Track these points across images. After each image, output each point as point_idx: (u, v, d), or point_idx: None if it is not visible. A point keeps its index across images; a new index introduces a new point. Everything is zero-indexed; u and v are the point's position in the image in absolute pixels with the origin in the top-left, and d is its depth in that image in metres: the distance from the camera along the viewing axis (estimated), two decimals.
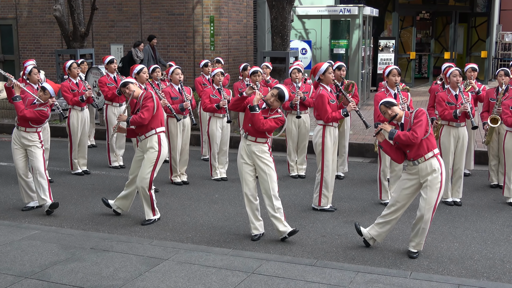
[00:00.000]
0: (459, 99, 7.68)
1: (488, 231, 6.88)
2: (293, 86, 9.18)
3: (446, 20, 21.55)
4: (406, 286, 5.13)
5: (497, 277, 5.59)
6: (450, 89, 7.77)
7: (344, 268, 5.55)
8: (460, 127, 7.78)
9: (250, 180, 6.53)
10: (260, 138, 6.43)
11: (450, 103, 7.70)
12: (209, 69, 10.48)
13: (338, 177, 9.28)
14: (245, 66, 10.42)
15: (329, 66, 7.50)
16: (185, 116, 8.94)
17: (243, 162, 6.51)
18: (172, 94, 8.80)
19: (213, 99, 8.89)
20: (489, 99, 8.48)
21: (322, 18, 16.14)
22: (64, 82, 9.66)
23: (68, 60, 10.07)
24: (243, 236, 6.74)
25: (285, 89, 6.47)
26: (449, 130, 7.79)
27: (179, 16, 16.46)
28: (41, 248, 6.08)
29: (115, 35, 17.25)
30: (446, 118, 7.72)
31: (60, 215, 7.59)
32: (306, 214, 7.56)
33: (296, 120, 9.26)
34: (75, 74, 9.65)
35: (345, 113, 7.52)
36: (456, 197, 7.95)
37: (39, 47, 18.28)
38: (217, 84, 8.94)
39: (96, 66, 12.64)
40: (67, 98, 9.50)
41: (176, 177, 9.08)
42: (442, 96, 7.79)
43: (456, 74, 7.68)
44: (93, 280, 5.30)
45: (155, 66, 10.15)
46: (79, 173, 9.69)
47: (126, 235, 6.72)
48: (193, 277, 5.34)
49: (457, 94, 7.72)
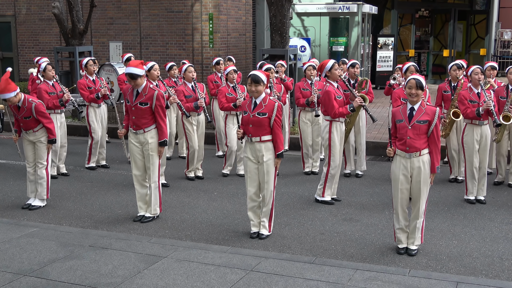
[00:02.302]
0: (482, 97, 7.64)
1: (487, 229, 6.88)
2: (308, 83, 9.17)
3: (445, 18, 21.53)
4: (404, 283, 5.13)
5: (496, 275, 5.59)
6: (472, 87, 7.73)
7: (343, 266, 5.55)
8: (483, 125, 7.73)
9: (254, 178, 6.53)
10: (264, 136, 6.43)
11: (472, 101, 7.66)
12: (221, 67, 10.52)
13: (356, 175, 9.33)
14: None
15: (335, 62, 7.55)
16: (199, 114, 9.01)
17: (248, 159, 6.52)
18: (186, 92, 8.86)
19: (229, 97, 8.88)
20: (499, 97, 8.39)
21: (321, 15, 16.14)
22: (80, 80, 9.71)
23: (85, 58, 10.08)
24: (242, 234, 6.74)
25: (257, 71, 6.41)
26: (472, 128, 7.73)
27: (178, 14, 16.44)
28: (39, 245, 6.08)
29: (113, 33, 17.22)
30: (468, 116, 7.66)
31: (59, 212, 7.59)
32: (305, 211, 7.56)
33: (311, 117, 9.29)
34: (92, 71, 9.68)
35: (352, 109, 7.55)
36: (481, 195, 7.90)
37: (37, 44, 18.25)
38: (231, 82, 8.93)
39: (109, 63, 12.64)
40: (84, 96, 9.58)
41: (190, 172, 9.19)
42: (464, 94, 7.74)
43: (477, 72, 7.63)
44: (91, 277, 5.29)
45: (172, 64, 10.16)
46: (92, 167, 9.86)
47: (124, 233, 6.72)
48: (191, 275, 5.34)
49: (479, 92, 7.69)
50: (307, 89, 9.19)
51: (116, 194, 8.43)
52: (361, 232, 6.80)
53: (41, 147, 7.68)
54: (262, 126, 6.34)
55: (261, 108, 6.31)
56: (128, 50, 16.99)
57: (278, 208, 7.44)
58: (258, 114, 6.32)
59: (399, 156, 5.96)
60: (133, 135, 7.09)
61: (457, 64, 8.63)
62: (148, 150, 7.04)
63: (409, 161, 5.91)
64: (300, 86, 9.32)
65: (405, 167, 5.94)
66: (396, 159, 5.99)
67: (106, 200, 8.11)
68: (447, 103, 8.72)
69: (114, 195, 8.35)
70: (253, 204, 6.59)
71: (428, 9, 21.93)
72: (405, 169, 5.94)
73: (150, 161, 7.06)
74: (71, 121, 13.26)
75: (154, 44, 16.76)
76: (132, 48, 16.94)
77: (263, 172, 6.43)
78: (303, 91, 9.24)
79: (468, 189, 7.86)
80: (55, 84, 9.17)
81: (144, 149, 7.07)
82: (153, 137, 7.04)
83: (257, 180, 6.53)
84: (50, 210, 7.69)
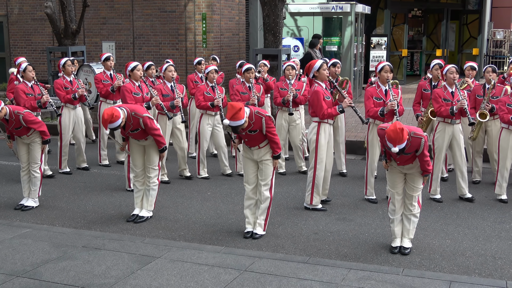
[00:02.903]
0: (456, 96, 7.69)
1: (480, 228, 6.90)
2: (286, 83, 9.21)
3: (438, 18, 21.60)
4: (398, 283, 5.14)
5: (489, 274, 5.61)
6: (447, 86, 7.78)
7: (336, 265, 5.55)
8: (455, 124, 7.79)
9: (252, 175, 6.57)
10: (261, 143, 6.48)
11: (446, 100, 7.72)
12: (202, 67, 10.48)
13: (342, 174, 9.34)
14: (241, 63, 10.45)
15: (323, 63, 7.50)
16: (175, 114, 8.92)
17: (247, 158, 6.55)
18: (164, 91, 8.78)
19: (206, 96, 8.88)
20: (475, 95, 8.50)
21: (314, 15, 16.15)
22: (57, 80, 9.61)
23: (62, 58, 10.02)
24: (236, 234, 6.73)
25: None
26: (444, 127, 7.79)
27: (171, 14, 16.41)
28: (32, 246, 6.06)
29: (106, 32, 17.17)
30: (442, 114, 7.72)
31: (52, 213, 7.56)
32: (299, 211, 7.56)
33: (287, 117, 9.28)
34: (69, 71, 9.60)
35: (341, 109, 7.51)
36: (466, 192, 7.99)
37: (30, 44, 18.19)
38: (211, 82, 8.93)
39: (87, 64, 12.59)
40: (60, 96, 9.44)
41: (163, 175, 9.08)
42: (438, 92, 7.79)
43: (452, 71, 7.68)
44: (85, 278, 5.28)
45: (150, 63, 10.13)
46: (67, 172, 9.63)
47: (118, 233, 6.70)
48: (185, 275, 5.33)
49: (453, 91, 7.74)
50: (285, 88, 9.23)
51: (109, 194, 8.40)
52: (355, 231, 6.81)
53: (35, 148, 7.66)
54: (257, 138, 6.44)
55: (250, 126, 6.35)
56: (121, 50, 16.95)
57: (271, 207, 7.43)
58: (250, 132, 6.39)
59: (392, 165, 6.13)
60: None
61: (439, 64, 8.72)
62: (150, 148, 7.11)
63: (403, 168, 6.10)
64: (279, 85, 9.38)
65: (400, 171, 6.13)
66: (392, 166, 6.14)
67: (99, 201, 8.09)
68: (425, 101, 8.84)
69: (107, 196, 8.33)
70: (250, 202, 6.61)
71: (421, 8, 21.99)
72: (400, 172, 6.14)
73: (150, 159, 7.13)
74: (50, 121, 13.09)
75: (147, 44, 16.73)
76: (125, 48, 16.91)
77: (262, 170, 6.50)
78: (281, 90, 9.29)
79: (432, 187, 7.98)
80: (34, 86, 9.07)
81: (146, 147, 7.14)
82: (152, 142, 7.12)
83: (254, 178, 6.57)
84: (43, 210, 7.67)
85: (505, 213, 7.44)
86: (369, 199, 7.98)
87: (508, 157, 7.84)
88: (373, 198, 7.97)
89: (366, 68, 18.82)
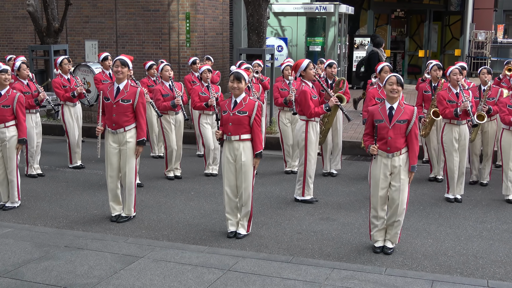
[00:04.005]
0: (460, 97, 7.74)
1: (462, 228, 6.97)
2: (285, 83, 9.22)
3: (420, 19, 21.72)
4: (381, 282, 5.17)
5: (470, 273, 5.66)
6: (451, 87, 7.84)
7: (319, 265, 5.57)
8: (462, 125, 7.84)
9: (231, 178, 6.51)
10: (244, 134, 6.41)
11: (451, 101, 7.77)
12: (198, 66, 10.51)
13: (330, 174, 9.34)
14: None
15: (309, 62, 7.58)
16: (177, 112, 9.02)
17: (226, 159, 6.49)
18: (163, 91, 8.85)
19: (202, 96, 8.87)
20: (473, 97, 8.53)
21: (298, 15, 16.20)
22: (55, 79, 9.61)
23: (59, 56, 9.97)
24: (219, 233, 6.72)
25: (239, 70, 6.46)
26: (451, 128, 7.83)
27: (154, 13, 16.35)
28: (14, 246, 6.00)
29: (89, 31, 17.06)
30: (447, 116, 7.77)
31: (34, 213, 7.50)
32: (282, 211, 7.58)
33: (291, 117, 9.32)
34: (66, 70, 9.58)
35: (327, 108, 7.60)
36: (458, 193, 8.03)
37: (12, 42, 18.00)
38: (205, 81, 8.91)
39: (85, 63, 12.52)
40: (59, 94, 9.46)
41: (169, 172, 9.18)
42: (443, 95, 7.84)
43: (456, 72, 7.73)
44: (67, 278, 5.24)
45: (152, 63, 10.14)
46: (78, 167, 9.78)
47: (100, 233, 6.66)
48: (168, 275, 5.32)
49: (457, 92, 7.79)
50: (285, 89, 9.25)
51: (91, 194, 8.35)
52: (338, 231, 6.84)
53: (10, 149, 7.45)
54: (242, 124, 6.33)
55: (242, 106, 6.32)
56: (104, 49, 16.84)
57: (255, 207, 7.44)
58: (239, 112, 6.31)
59: (380, 156, 6.00)
60: (111, 135, 7.02)
61: (438, 65, 8.77)
62: (126, 150, 6.98)
63: (390, 160, 5.96)
64: (278, 86, 9.39)
65: (385, 166, 5.97)
66: (377, 159, 6.02)
67: (82, 200, 8.04)
68: (427, 103, 8.87)
69: (90, 195, 8.28)
70: (231, 204, 6.58)
71: (403, 9, 22.12)
72: (386, 168, 5.97)
73: (127, 160, 7.01)
74: (46, 120, 13.11)
75: (131, 43, 16.64)
76: (108, 47, 16.80)
77: (241, 172, 6.42)
78: (281, 91, 9.30)
79: (450, 187, 7.98)
80: (30, 83, 9.04)
81: (122, 149, 7.01)
82: (132, 136, 6.99)
83: (234, 181, 6.52)
84: (25, 210, 7.60)
85: (486, 213, 7.52)
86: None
87: (510, 157, 7.91)
88: None
89: (349, 68, 18.91)
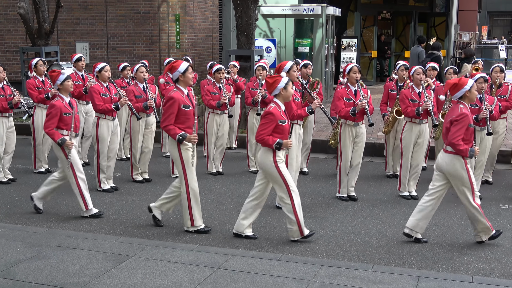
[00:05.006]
0: (422, 97, 7.90)
1: (447, 224, 7.09)
2: (257, 83, 9.38)
3: (406, 20, 21.91)
4: (368, 278, 5.27)
5: (455, 269, 5.78)
6: (414, 87, 7.99)
7: (308, 262, 5.66)
8: (422, 123, 8.01)
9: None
10: None
11: (413, 101, 7.93)
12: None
13: (303, 172, 9.44)
14: (211, 64, 10.49)
15: (293, 64, 7.60)
16: (149, 115, 8.92)
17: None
18: (136, 92, 8.78)
19: None
20: (438, 96, 8.64)
21: (286, 17, 16.30)
22: (29, 80, 9.55)
23: (34, 58, 9.97)
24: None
25: None
26: (411, 126, 8.01)
27: (144, 14, 16.41)
28: (6, 246, 6.04)
29: (80, 33, 17.09)
30: (409, 115, 7.94)
31: (25, 213, 7.54)
32: (271, 209, 7.67)
33: (258, 117, 9.39)
34: (41, 71, 9.57)
35: (310, 111, 7.63)
36: (413, 190, 8.22)
37: (3, 44, 17.99)
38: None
39: (58, 63, 12.50)
40: (33, 96, 9.39)
41: (137, 175, 9.08)
42: (405, 93, 8.00)
43: (419, 72, 7.91)
44: (59, 277, 5.29)
45: (126, 64, 10.13)
46: (42, 172, 9.59)
47: (92, 232, 6.72)
48: (159, 273, 5.39)
49: (420, 92, 7.95)
50: (255, 89, 9.44)
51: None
52: (326, 229, 6.94)
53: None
54: None
55: None
56: (95, 50, 16.88)
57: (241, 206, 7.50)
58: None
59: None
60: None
61: (405, 65, 8.94)
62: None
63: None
64: (250, 86, 9.66)
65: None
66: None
67: (73, 200, 8.04)
68: (392, 101, 9.05)
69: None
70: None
71: (389, 11, 22.29)
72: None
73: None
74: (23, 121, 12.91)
75: (121, 45, 16.70)
76: (99, 49, 16.84)
77: None
78: (252, 90, 9.53)
79: (402, 184, 8.20)
80: (5, 86, 8.91)
81: None
82: None
83: None
84: (17, 210, 7.64)
85: None
86: (341, 197, 8.12)
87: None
88: (345, 196, 8.12)
89: (337, 69, 19.03)
